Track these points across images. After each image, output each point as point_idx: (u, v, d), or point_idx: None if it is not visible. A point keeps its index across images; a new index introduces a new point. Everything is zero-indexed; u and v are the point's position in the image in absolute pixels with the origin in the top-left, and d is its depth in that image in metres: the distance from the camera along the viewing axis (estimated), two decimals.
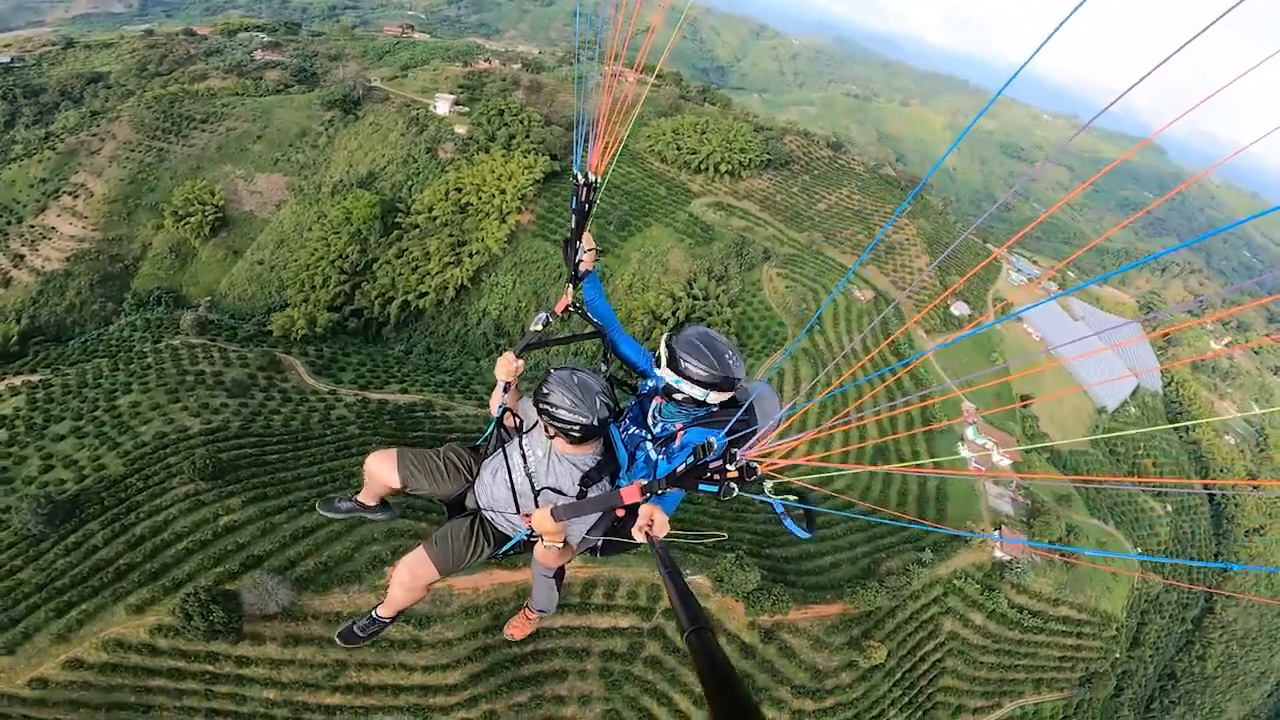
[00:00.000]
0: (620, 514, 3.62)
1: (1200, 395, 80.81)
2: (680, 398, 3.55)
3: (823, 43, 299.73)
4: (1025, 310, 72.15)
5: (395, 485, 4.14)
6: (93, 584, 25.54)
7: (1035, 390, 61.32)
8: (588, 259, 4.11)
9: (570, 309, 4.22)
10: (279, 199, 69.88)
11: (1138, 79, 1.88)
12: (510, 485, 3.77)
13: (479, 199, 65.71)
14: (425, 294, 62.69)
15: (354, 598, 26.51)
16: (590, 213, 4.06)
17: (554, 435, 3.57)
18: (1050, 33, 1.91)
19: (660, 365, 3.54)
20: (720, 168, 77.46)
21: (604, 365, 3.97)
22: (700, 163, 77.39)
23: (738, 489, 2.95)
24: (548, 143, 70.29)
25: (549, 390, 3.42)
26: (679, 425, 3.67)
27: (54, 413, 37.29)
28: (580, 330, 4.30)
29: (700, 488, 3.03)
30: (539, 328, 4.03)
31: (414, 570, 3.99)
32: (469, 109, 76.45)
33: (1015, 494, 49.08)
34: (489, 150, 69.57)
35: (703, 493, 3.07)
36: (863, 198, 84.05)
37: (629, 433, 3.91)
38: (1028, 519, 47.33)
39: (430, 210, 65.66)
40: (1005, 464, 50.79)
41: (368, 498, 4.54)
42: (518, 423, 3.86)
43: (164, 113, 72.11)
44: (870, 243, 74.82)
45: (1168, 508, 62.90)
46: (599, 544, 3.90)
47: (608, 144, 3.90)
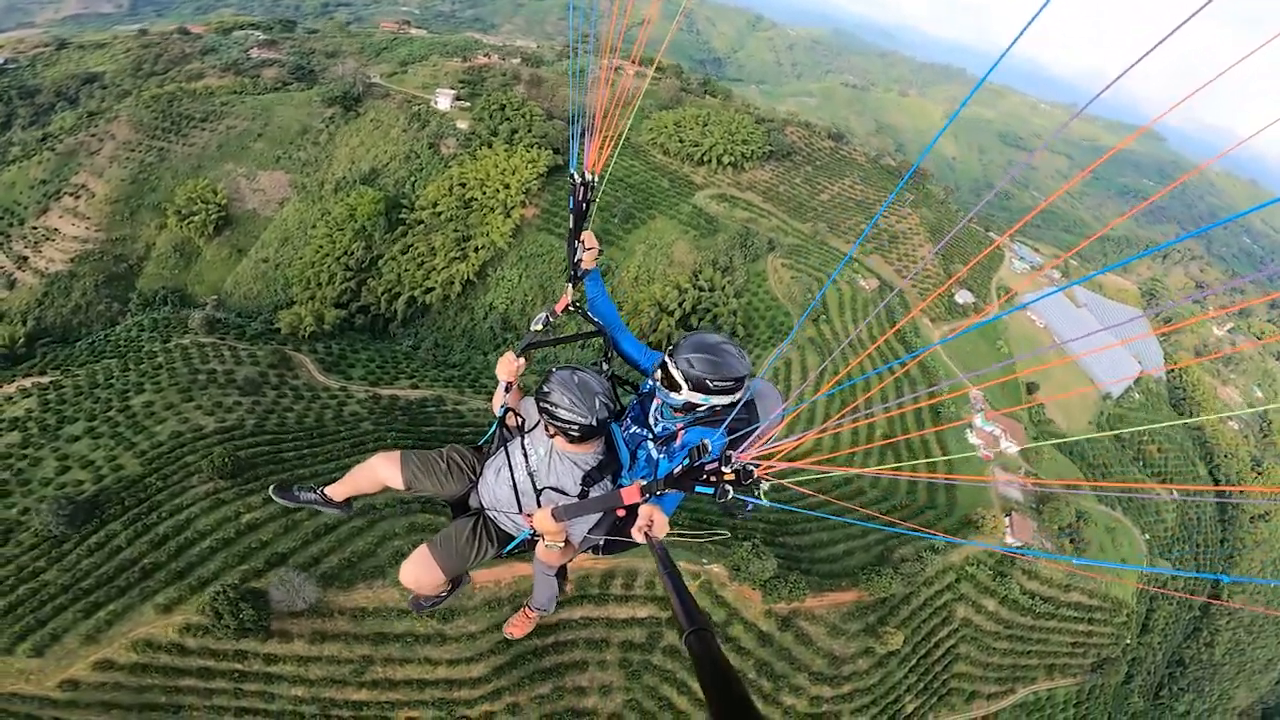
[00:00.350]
0: (621, 513, 3.64)
1: (1204, 381, 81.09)
2: (703, 411, 3.52)
3: (819, 33, 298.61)
4: (1033, 301, 72.20)
5: (397, 486, 4.13)
6: (119, 584, 25.55)
7: (1041, 378, 61.54)
8: (589, 258, 4.08)
9: (571, 308, 4.21)
10: (282, 197, 69.57)
11: (1129, 64, 1.93)
12: (513, 485, 3.80)
13: (483, 194, 65.51)
14: (432, 289, 62.69)
15: (378, 593, 26.63)
16: (589, 212, 4.03)
17: (554, 434, 3.61)
18: (1038, 10, 1.91)
19: (680, 390, 3.44)
20: (723, 160, 77.16)
21: (605, 364, 3.97)
22: (703, 155, 77.12)
23: (733, 491, 2.94)
24: (550, 137, 69.99)
25: (549, 389, 3.47)
26: (680, 425, 3.68)
27: (67, 414, 37.16)
28: (582, 329, 4.31)
29: (697, 489, 3.03)
30: (539, 328, 4.06)
31: (418, 575, 3.99)
32: (470, 104, 75.98)
33: (1024, 480, 49.36)
34: (491, 145, 69.26)
35: (700, 494, 3.08)
36: (865, 188, 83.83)
37: (630, 431, 3.93)
38: (1037, 505, 47.62)
39: (434, 206, 65.48)
40: (1014, 450, 51.11)
41: (338, 494, 4.42)
42: (520, 422, 3.89)
43: (163, 112, 71.54)
44: (866, 227, 74.59)
45: (1174, 494, 63.27)
46: (601, 543, 3.92)
47: (606, 138, 3.87)
